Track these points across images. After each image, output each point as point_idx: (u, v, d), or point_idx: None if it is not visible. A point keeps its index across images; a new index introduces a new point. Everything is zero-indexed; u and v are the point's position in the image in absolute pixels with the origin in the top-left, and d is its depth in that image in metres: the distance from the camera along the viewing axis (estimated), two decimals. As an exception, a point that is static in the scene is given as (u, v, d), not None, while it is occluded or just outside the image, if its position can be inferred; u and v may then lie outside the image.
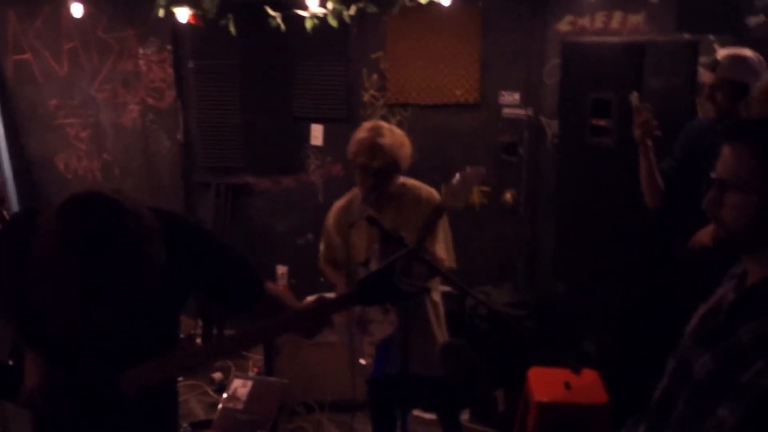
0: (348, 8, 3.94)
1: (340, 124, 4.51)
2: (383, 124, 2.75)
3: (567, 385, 3.17)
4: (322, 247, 3.01)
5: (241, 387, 3.70)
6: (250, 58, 4.65)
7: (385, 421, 3.21)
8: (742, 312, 1.35)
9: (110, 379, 1.69)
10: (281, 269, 4.45)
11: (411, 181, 2.87)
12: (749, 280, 1.40)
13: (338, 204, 2.94)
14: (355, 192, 2.89)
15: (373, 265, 2.75)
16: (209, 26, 4.44)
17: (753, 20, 3.65)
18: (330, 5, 3.94)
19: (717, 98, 2.87)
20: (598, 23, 3.97)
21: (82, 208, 1.42)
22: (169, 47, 4.85)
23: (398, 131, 2.73)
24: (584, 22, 3.99)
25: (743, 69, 2.83)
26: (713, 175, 1.43)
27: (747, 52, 2.87)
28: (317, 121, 4.68)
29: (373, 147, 2.62)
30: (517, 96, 4.21)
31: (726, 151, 1.39)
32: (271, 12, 4.13)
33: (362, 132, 2.70)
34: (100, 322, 1.59)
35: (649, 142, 2.87)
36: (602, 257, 3.82)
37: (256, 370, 4.34)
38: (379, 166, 2.63)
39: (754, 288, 1.37)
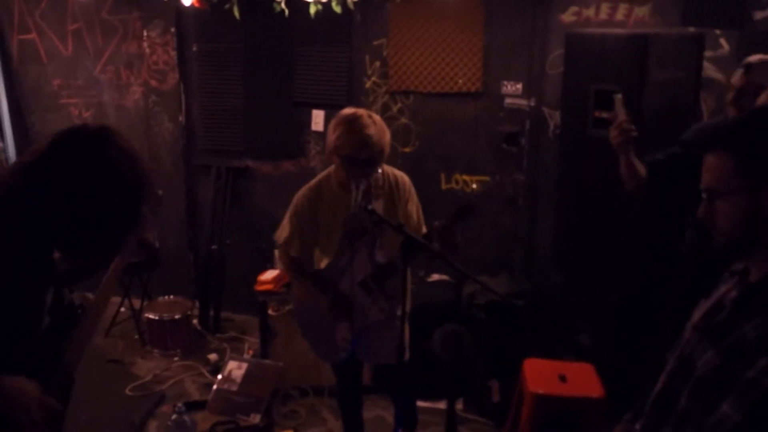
0: (352, -5, 3.95)
1: (342, 111, 4.50)
2: (362, 111, 2.62)
3: (562, 378, 3.16)
4: (285, 236, 2.86)
5: (236, 369, 3.72)
6: (254, 42, 4.64)
7: (353, 404, 3.26)
8: (747, 309, 1.35)
9: (57, 355, 1.70)
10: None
11: (384, 166, 2.79)
12: (752, 277, 1.40)
13: (305, 190, 2.83)
14: (322, 177, 2.83)
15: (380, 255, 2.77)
16: (213, 10, 4.45)
17: (759, 14, 3.63)
18: (334, -9, 3.94)
19: (743, 104, 2.70)
20: (603, 14, 3.95)
21: None
22: (173, 30, 4.85)
23: (377, 117, 2.63)
24: (589, 12, 3.97)
25: None
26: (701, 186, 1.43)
27: None
28: (319, 106, 4.67)
29: (361, 139, 2.52)
30: (519, 86, 4.20)
31: (708, 160, 1.40)
32: (275, -4, 4.13)
33: (343, 124, 2.58)
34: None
35: (630, 149, 2.69)
36: (600, 250, 3.80)
37: (251, 352, 4.36)
38: (367, 157, 2.55)
39: (758, 285, 1.37)
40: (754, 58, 2.75)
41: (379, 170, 2.73)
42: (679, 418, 1.41)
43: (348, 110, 2.66)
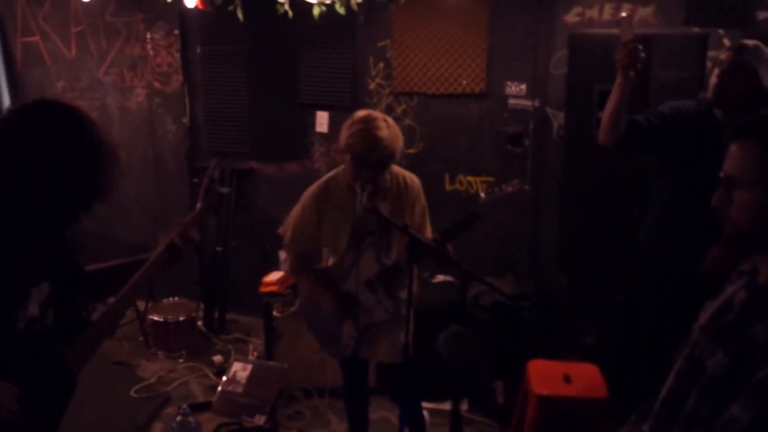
0: (355, -4, 3.95)
1: (346, 112, 4.42)
2: (377, 114, 2.66)
3: (567, 379, 3.16)
4: (291, 233, 2.89)
5: (240, 370, 3.74)
6: (258, 44, 4.65)
7: (359, 403, 3.26)
8: (757, 310, 1.35)
9: (59, 359, 1.69)
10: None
11: (394, 168, 2.81)
12: (761, 278, 1.40)
13: (313, 189, 2.84)
14: (330, 177, 2.84)
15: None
16: (217, 11, 4.45)
17: (762, 14, 3.63)
18: (337, -8, 3.95)
19: (726, 82, 2.67)
20: (607, 15, 3.95)
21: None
22: (176, 32, 4.85)
23: (392, 121, 2.65)
24: (592, 13, 3.97)
25: (762, 59, 2.64)
26: (721, 173, 1.43)
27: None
28: (323, 108, 4.67)
29: (373, 140, 2.54)
30: (523, 87, 4.20)
31: (734, 148, 1.40)
32: (279, -2, 4.14)
33: (357, 123, 2.61)
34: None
35: (632, 73, 2.65)
36: (605, 250, 3.81)
37: (256, 354, 4.36)
38: (377, 159, 2.57)
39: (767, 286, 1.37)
40: (746, 41, 2.69)
41: (388, 172, 2.75)
42: (688, 418, 1.41)
43: (364, 111, 2.69)
